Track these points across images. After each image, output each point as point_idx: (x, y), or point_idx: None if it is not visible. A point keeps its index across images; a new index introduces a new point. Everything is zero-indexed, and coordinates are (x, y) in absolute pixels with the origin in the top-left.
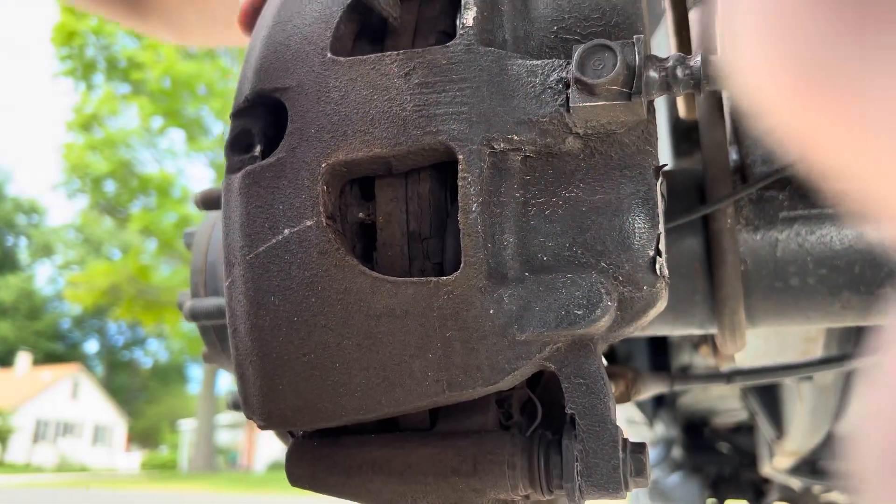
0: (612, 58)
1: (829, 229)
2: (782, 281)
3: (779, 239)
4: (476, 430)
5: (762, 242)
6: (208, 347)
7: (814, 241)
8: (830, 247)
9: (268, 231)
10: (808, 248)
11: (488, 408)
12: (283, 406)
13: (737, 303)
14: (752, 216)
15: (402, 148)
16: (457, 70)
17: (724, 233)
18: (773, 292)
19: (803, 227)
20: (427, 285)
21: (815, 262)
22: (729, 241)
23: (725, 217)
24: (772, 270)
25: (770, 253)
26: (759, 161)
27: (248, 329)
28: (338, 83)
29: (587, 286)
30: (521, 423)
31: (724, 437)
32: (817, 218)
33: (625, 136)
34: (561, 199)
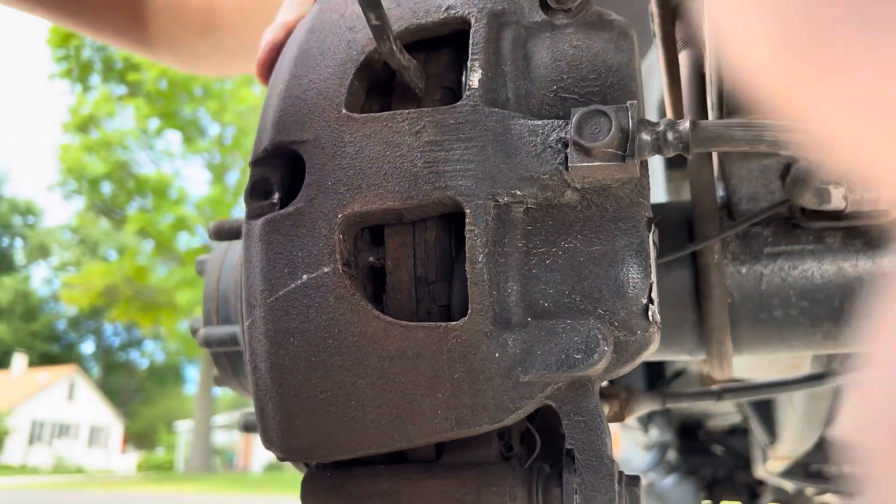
0: (607, 122)
1: (810, 264)
2: (767, 312)
3: (763, 273)
4: (479, 462)
5: (748, 276)
6: (220, 372)
7: (796, 275)
8: (812, 281)
9: (287, 276)
10: (790, 282)
11: (490, 441)
12: (301, 440)
13: (724, 333)
14: (738, 251)
15: (413, 201)
16: (464, 129)
17: (711, 267)
18: (758, 323)
19: (786, 262)
20: (437, 330)
21: (798, 295)
22: (716, 276)
23: (713, 253)
24: (757, 303)
25: (755, 286)
26: (745, 198)
27: (268, 367)
28: (353, 139)
29: (585, 332)
30: (521, 454)
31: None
32: (799, 254)
33: (619, 189)
34: (560, 250)
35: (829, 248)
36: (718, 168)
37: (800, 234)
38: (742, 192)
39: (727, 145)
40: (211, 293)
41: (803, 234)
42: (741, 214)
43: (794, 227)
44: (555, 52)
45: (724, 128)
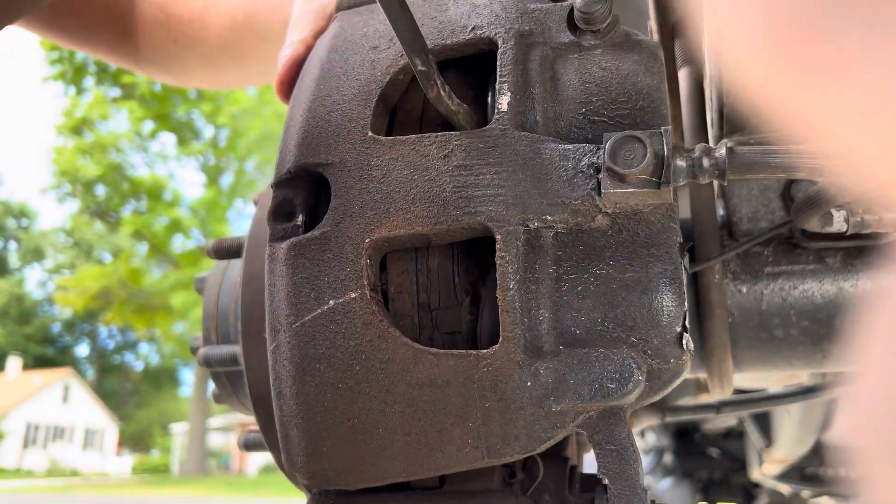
0: (642, 148)
1: (811, 284)
2: (767, 332)
3: (764, 293)
4: (482, 490)
5: (748, 296)
6: (219, 390)
7: (797, 295)
8: (812, 301)
9: (314, 301)
10: (791, 302)
11: (493, 468)
12: (326, 467)
13: (724, 352)
14: (738, 271)
15: (442, 227)
16: (493, 154)
17: (712, 287)
18: (758, 342)
19: (787, 281)
20: (467, 358)
21: (798, 314)
22: (717, 296)
23: (714, 273)
24: (757, 322)
25: (756, 306)
26: (745, 218)
27: (293, 393)
28: (379, 162)
29: (619, 361)
30: (524, 481)
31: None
32: (800, 273)
33: (650, 214)
34: (592, 276)
35: (829, 268)
36: (718, 187)
37: (800, 253)
38: (742, 211)
39: (764, 172)
40: (210, 312)
41: (804, 253)
42: (742, 234)
43: (795, 247)
44: (583, 73)
45: (760, 155)
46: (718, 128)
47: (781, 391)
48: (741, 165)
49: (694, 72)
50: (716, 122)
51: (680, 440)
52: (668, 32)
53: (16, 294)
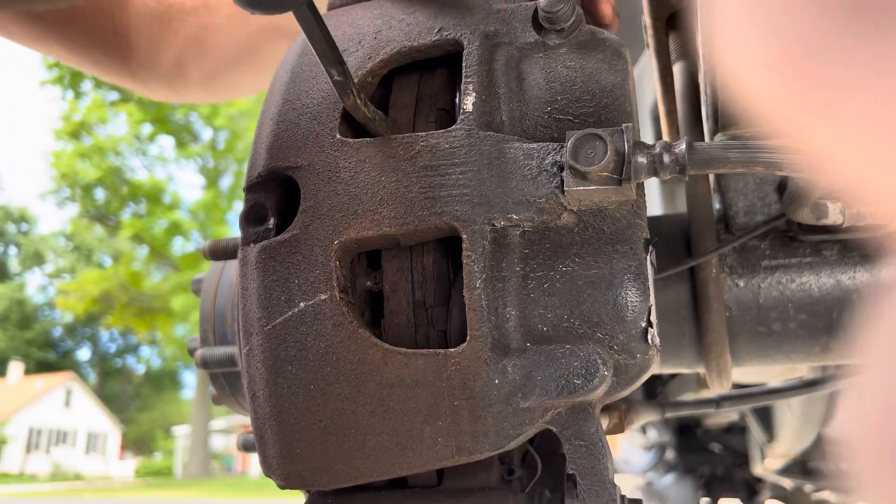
0: (602, 146)
1: (808, 277)
2: (765, 326)
3: (761, 286)
4: (480, 487)
5: (745, 290)
6: (218, 391)
7: (794, 288)
8: (810, 294)
9: (284, 304)
10: (788, 295)
11: (491, 465)
12: (301, 468)
13: (722, 347)
14: (735, 264)
15: (409, 227)
16: (459, 154)
17: (709, 281)
18: (756, 336)
19: (784, 275)
20: (436, 357)
21: (796, 307)
22: (714, 290)
23: (711, 267)
24: (755, 316)
25: (753, 300)
26: (741, 212)
27: (266, 396)
28: (347, 164)
29: (585, 356)
30: (522, 478)
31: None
32: (797, 267)
33: (616, 211)
34: (558, 273)
35: (826, 261)
36: (714, 181)
37: (797, 247)
38: (739, 205)
39: (724, 167)
40: (207, 313)
41: (800, 246)
42: (738, 228)
43: (792, 240)
44: (548, 72)
45: (720, 150)
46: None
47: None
48: (701, 161)
49: (688, 66)
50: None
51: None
52: (663, 27)
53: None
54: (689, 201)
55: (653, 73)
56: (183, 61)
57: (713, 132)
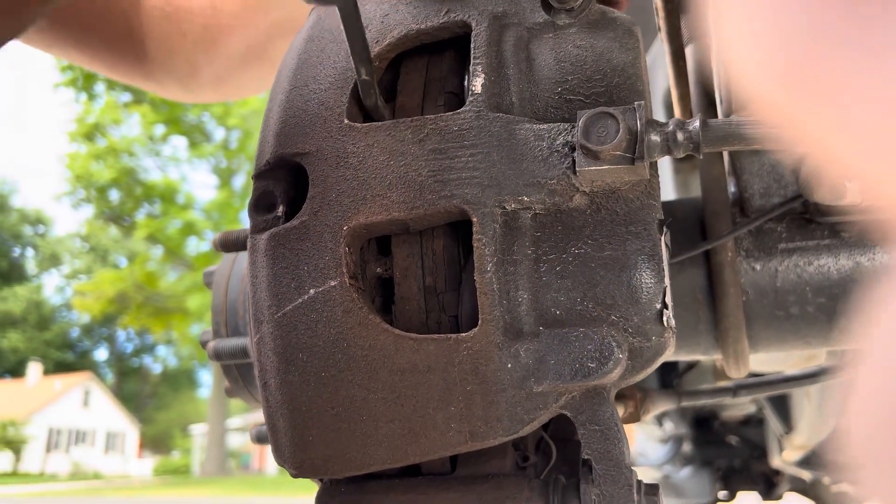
0: (614, 124)
1: (826, 259)
2: (783, 310)
3: (778, 269)
4: (495, 473)
5: (762, 273)
6: (231, 384)
7: (812, 271)
8: (828, 276)
9: (294, 291)
10: (806, 278)
11: (506, 452)
12: (313, 456)
13: (739, 332)
14: (751, 248)
15: (418, 211)
16: (468, 136)
17: (725, 265)
18: (774, 320)
19: (801, 257)
20: (447, 342)
21: (814, 291)
22: (730, 274)
23: (726, 250)
24: (772, 300)
25: (770, 283)
26: (757, 194)
27: (277, 384)
28: (355, 149)
29: (599, 339)
30: (537, 464)
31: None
32: (815, 249)
33: (629, 192)
34: (571, 256)
35: (845, 243)
36: (729, 163)
37: (814, 228)
38: (754, 187)
39: (738, 144)
40: (219, 305)
41: (818, 228)
42: (754, 210)
43: (809, 222)
44: (558, 52)
45: (734, 126)
46: (727, 104)
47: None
48: (715, 138)
49: (701, 48)
50: (724, 100)
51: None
52: (675, 9)
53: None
54: (704, 184)
55: (665, 56)
56: (194, 61)
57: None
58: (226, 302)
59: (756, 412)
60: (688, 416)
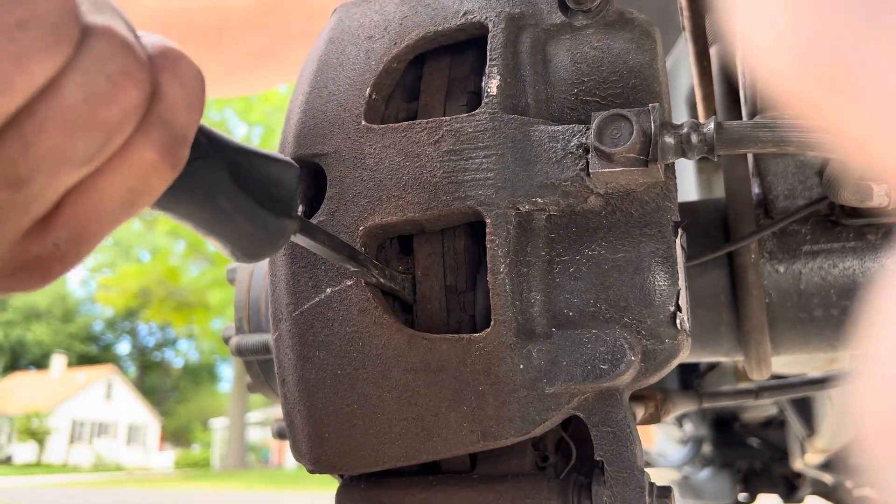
0: (628, 126)
1: (851, 262)
2: (807, 312)
3: (802, 272)
4: (514, 473)
5: (786, 275)
6: (252, 379)
7: (837, 274)
8: (853, 279)
9: (311, 290)
10: (831, 281)
11: (525, 451)
12: (329, 452)
13: (762, 335)
14: (775, 249)
15: (433, 212)
16: (482, 138)
17: (748, 267)
18: (797, 323)
19: (826, 260)
20: (460, 342)
21: (839, 294)
22: (753, 276)
23: (750, 252)
24: (796, 303)
25: (794, 286)
26: (781, 196)
27: (295, 381)
28: (372, 150)
29: (611, 341)
30: (557, 464)
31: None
32: (840, 251)
33: (644, 193)
34: (584, 257)
35: (871, 246)
36: (753, 164)
37: (840, 231)
38: (779, 188)
39: (753, 147)
40: (242, 301)
41: (843, 231)
42: (778, 212)
43: (834, 225)
44: (575, 54)
45: (749, 129)
46: (752, 105)
47: (822, 376)
48: (730, 140)
49: (725, 49)
50: (749, 100)
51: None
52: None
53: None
54: (728, 185)
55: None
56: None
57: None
58: (248, 298)
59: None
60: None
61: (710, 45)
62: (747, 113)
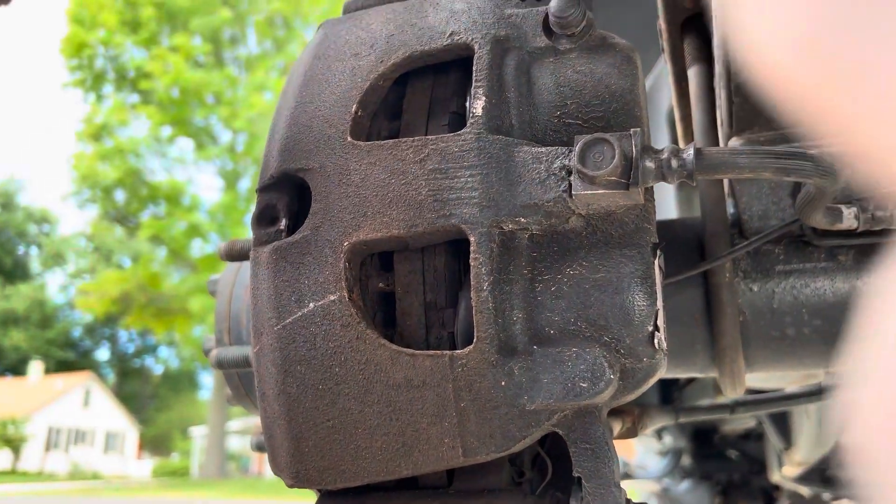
0: (610, 150)
1: (823, 282)
2: (779, 330)
3: (775, 291)
4: (490, 488)
5: (759, 294)
6: (232, 391)
7: (808, 293)
8: (824, 299)
9: (294, 304)
10: (803, 300)
11: (502, 467)
12: (309, 466)
13: (736, 352)
14: (749, 269)
15: (418, 230)
16: (468, 157)
17: (722, 286)
18: (770, 341)
19: (798, 280)
20: (442, 358)
21: (811, 313)
22: (728, 294)
23: (724, 271)
24: (769, 321)
25: (767, 304)
26: (756, 216)
27: (275, 395)
28: (358, 167)
29: (591, 360)
30: (533, 480)
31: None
32: (812, 272)
33: (624, 215)
34: (566, 277)
35: (841, 266)
36: (728, 185)
37: (812, 251)
38: (752, 209)
39: (731, 173)
40: (223, 313)
41: (815, 251)
42: (752, 232)
43: (806, 245)
44: (558, 77)
45: (728, 155)
46: (728, 125)
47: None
48: (709, 166)
49: (703, 70)
50: (726, 121)
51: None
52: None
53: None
54: (703, 205)
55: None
56: None
57: (728, 136)
58: (229, 310)
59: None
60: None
61: (689, 67)
62: (723, 134)
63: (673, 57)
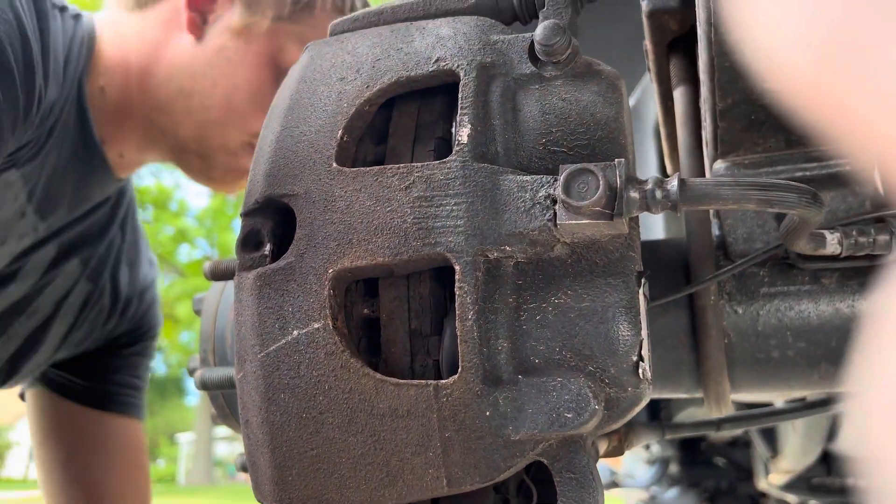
0: (595, 181)
1: (807, 305)
2: (764, 353)
3: (760, 314)
4: None
5: (744, 317)
6: (217, 411)
7: (793, 316)
8: (808, 321)
9: (278, 332)
10: (787, 323)
11: (487, 494)
12: (293, 495)
13: (721, 374)
14: (734, 291)
15: (402, 258)
16: (453, 185)
17: (707, 308)
18: (755, 363)
19: (783, 302)
20: (427, 388)
21: (795, 335)
22: (712, 317)
23: (709, 293)
24: (753, 343)
25: (752, 327)
26: (741, 239)
27: (259, 422)
28: (343, 193)
29: (576, 390)
30: None
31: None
32: (796, 294)
33: (609, 243)
34: (551, 305)
35: (825, 289)
36: None
37: (796, 274)
38: (738, 232)
39: (715, 204)
40: (208, 333)
41: (799, 274)
42: (737, 255)
43: (791, 268)
44: (543, 104)
45: (712, 186)
46: (713, 148)
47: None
48: (693, 197)
49: (689, 91)
50: (710, 143)
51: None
52: (664, 52)
53: None
54: (688, 227)
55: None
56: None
57: (713, 158)
58: (214, 330)
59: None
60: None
61: (674, 88)
62: (708, 156)
63: (659, 78)
